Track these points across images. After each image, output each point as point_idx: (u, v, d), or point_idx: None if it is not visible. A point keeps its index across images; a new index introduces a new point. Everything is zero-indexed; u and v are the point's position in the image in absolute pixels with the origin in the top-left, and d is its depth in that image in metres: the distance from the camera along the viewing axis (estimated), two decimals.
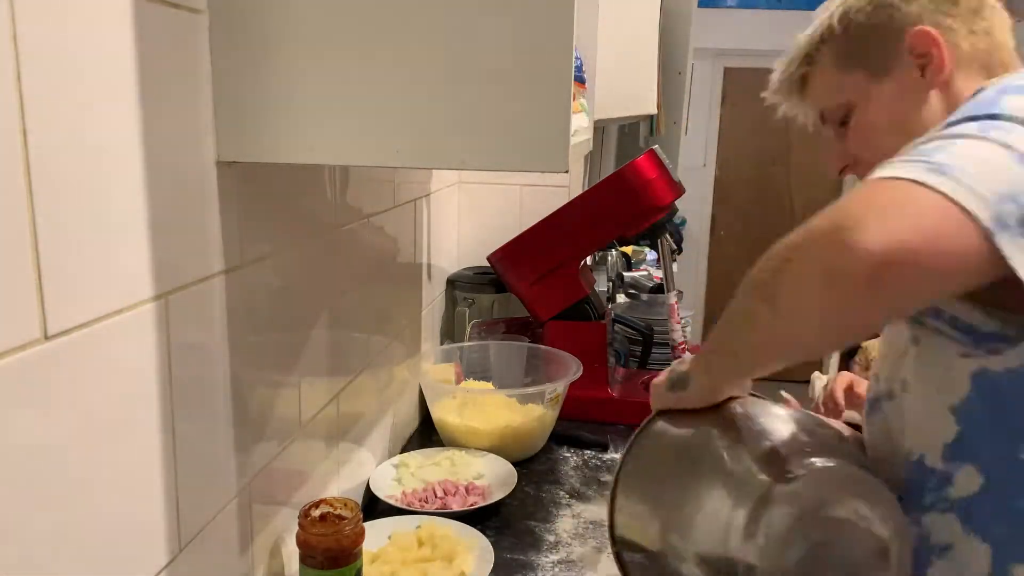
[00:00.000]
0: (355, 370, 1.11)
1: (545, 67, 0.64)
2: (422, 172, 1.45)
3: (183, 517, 0.67)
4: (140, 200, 0.59)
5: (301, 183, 0.88)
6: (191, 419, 0.67)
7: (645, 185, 1.43)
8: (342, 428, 1.07)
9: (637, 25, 2.06)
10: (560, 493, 1.23)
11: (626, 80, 2.01)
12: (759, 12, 4.40)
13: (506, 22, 0.63)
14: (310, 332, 0.94)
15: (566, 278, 1.54)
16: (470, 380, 1.49)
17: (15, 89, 0.47)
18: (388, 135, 0.66)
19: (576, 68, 1.12)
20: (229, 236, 0.72)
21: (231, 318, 0.73)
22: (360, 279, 1.11)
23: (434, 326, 1.63)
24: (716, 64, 4.58)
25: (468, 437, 1.32)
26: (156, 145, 0.60)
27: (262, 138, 0.67)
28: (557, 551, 1.06)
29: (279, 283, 0.84)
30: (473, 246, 1.79)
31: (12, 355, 0.47)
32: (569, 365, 1.40)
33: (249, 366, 0.78)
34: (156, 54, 0.60)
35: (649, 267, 2.85)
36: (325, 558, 0.79)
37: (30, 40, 0.47)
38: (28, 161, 0.48)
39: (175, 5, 0.62)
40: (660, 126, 2.81)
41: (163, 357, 0.63)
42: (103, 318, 0.55)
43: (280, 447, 0.87)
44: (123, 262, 0.58)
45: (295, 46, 0.65)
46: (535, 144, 0.65)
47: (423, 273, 1.50)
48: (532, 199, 1.78)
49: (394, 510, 1.11)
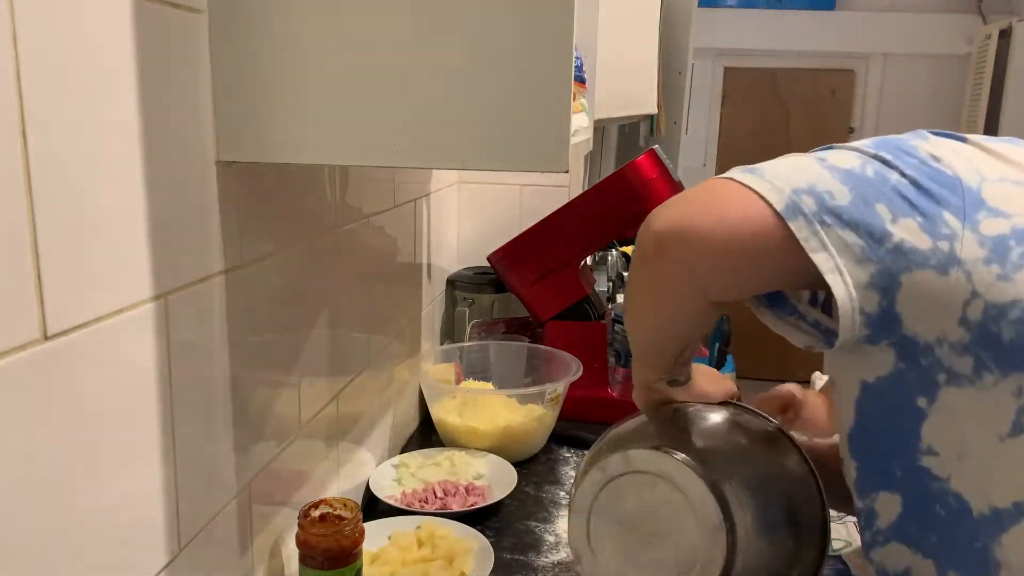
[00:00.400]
0: (355, 370, 1.11)
1: (545, 67, 0.64)
2: (422, 172, 1.45)
3: (183, 517, 0.67)
4: (140, 200, 0.59)
5: (301, 183, 0.88)
6: (191, 419, 0.67)
7: (645, 185, 1.43)
8: (342, 428, 1.07)
9: (637, 25, 2.06)
10: (560, 493, 1.22)
11: (626, 80, 2.01)
12: (759, 12, 4.39)
13: (506, 22, 0.63)
14: (310, 332, 0.94)
15: (566, 278, 1.54)
16: (470, 380, 1.49)
17: (15, 89, 0.47)
18: (388, 135, 0.66)
19: (576, 68, 1.12)
20: (229, 236, 0.72)
21: (231, 318, 0.73)
22: (360, 279, 1.11)
23: (434, 326, 1.63)
24: (716, 64, 4.58)
25: (468, 437, 1.32)
26: (156, 145, 0.60)
27: (262, 138, 0.67)
28: (557, 551, 1.06)
29: (279, 283, 0.84)
30: (473, 246, 1.79)
31: (12, 355, 0.47)
32: (569, 365, 1.40)
33: (249, 366, 0.78)
34: (156, 54, 0.60)
35: None
36: (325, 558, 0.79)
37: (30, 40, 0.47)
38: (28, 161, 0.48)
39: (175, 5, 0.62)
40: (660, 126, 2.81)
41: (163, 357, 0.63)
42: (103, 318, 0.55)
43: (280, 447, 0.87)
44: (123, 262, 0.58)
45: (295, 46, 0.65)
46: (535, 144, 0.65)
47: (423, 273, 1.50)
48: (532, 199, 1.77)
49: (394, 510, 1.11)
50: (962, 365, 0.61)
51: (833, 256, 0.61)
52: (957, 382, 0.61)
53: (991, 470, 0.62)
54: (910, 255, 0.60)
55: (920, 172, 0.62)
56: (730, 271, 0.66)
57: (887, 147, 0.64)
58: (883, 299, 0.61)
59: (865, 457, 0.69)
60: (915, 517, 0.66)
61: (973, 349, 0.60)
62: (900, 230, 0.60)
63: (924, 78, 4.36)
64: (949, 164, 0.62)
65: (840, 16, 4.34)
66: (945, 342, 0.61)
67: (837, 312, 0.62)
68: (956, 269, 0.59)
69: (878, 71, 4.42)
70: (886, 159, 0.63)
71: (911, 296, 0.60)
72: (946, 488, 0.63)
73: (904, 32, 4.28)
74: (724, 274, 0.67)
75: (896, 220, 0.60)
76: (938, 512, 0.64)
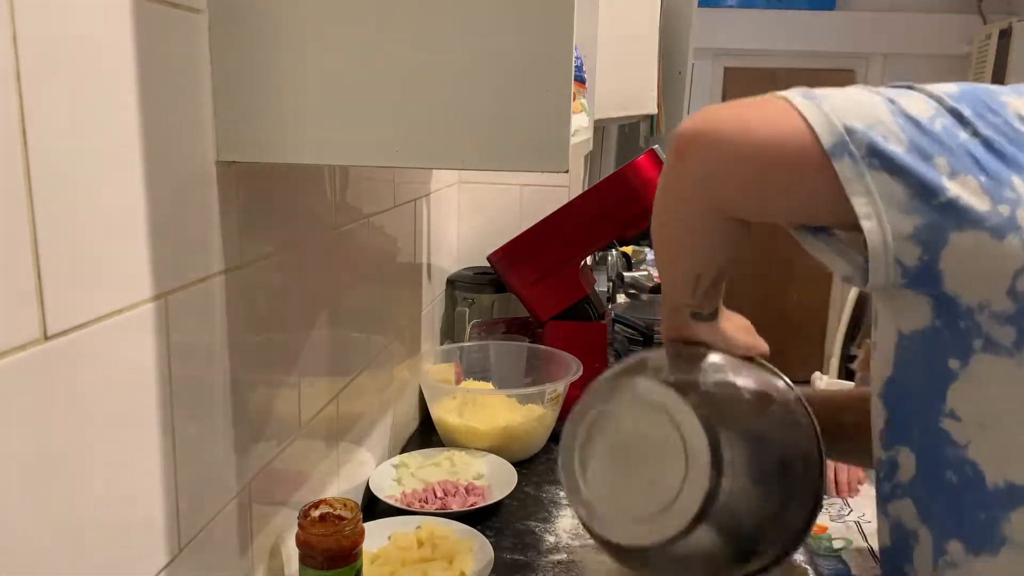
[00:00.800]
0: (355, 370, 1.11)
1: (545, 67, 0.64)
2: (422, 172, 1.45)
3: (183, 517, 0.67)
4: (140, 200, 0.59)
5: (301, 183, 0.88)
6: (191, 419, 0.67)
7: (645, 185, 1.43)
8: (342, 428, 1.07)
9: (637, 25, 2.06)
10: (560, 493, 1.22)
11: (626, 80, 2.01)
12: (759, 12, 4.39)
13: (506, 22, 0.63)
14: (310, 332, 0.94)
15: (566, 278, 1.54)
16: (470, 380, 1.49)
17: (15, 89, 0.47)
18: (388, 135, 0.66)
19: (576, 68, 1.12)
20: (229, 236, 0.72)
21: (231, 318, 0.73)
22: (360, 279, 1.11)
23: (434, 326, 1.63)
24: (716, 64, 4.58)
25: (468, 437, 1.32)
26: (156, 145, 0.60)
27: (262, 138, 0.67)
28: (557, 551, 1.06)
29: (279, 283, 0.84)
30: (473, 246, 1.79)
31: (12, 355, 0.47)
32: (569, 365, 1.40)
33: (249, 366, 0.78)
34: (156, 54, 0.60)
35: (649, 267, 2.85)
36: (325, 558, 0.79)
37: (30, 40, 0.47)
38: (28, 161, 0.48)
39: (175, 5, 0.62)
40: (660, 126, 2.81)
41: (163, 357, 0.63)
42: (103, 318, 0.55)
43: (280, 447, 0.87)
44: (123, 262, 0.58)
45: (295, 46, 0.65)
46: (535, 144, 0.65)
47: (423, 273, 1.50)
48: (532, 199, 1.77)
49: (394, 510, 1.11)
50: (1002, 335, 0.59)
51: (875, 201, 0.58)
52: (994, 351, 0.59)
53: (1013, 444, 0.60)
54: (964, 213, 0.57)
55: (998, 132, 0.59)
56: (750, 185, 0.63)
57: (971, 100, 0.60)
58: (925, 254, 0.59)
59: (894, 409, 0.68)
60: (926, 480, 0.65)
61: (1017, 321, 0.58)
62: (957, 186, 0.57)
63: (924, 78, 4.24)
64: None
65: (840, 16, 4.34)
66: (988, 309, 0.59)
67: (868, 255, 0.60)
68: (1014, 235, 0.57)
69: (878, 71, 4.42)
70: (962, 115, 0.59)
71: (957, 256, 0.58)
72: (962, 456, 0.62)
73: (904, 32, 4.28)
74: (742, 187, 0.64)
75: (955, 176, 0.57)
76: (949, 479, 0.63)
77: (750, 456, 0.69)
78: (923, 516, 0.66)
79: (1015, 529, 0.60)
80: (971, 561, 0.63)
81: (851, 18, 4.32)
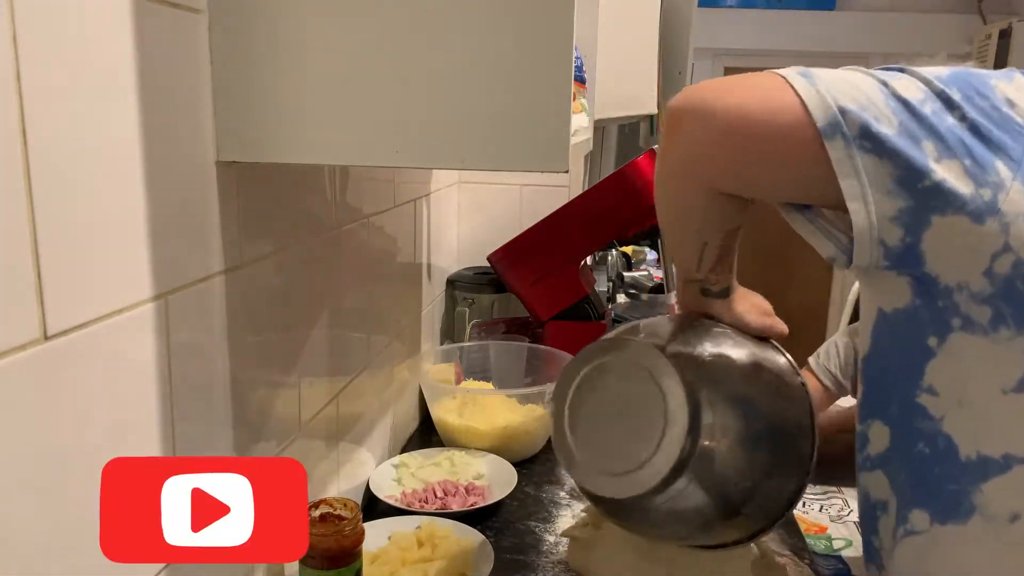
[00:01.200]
0: (355, 370, 1.11)
1: (545, 67, 0.64)
2: (422, 172, 1.45)
3: None
4: (140, 200, 0.59)
5: (301, 183, 0.88)
6: (191, 419, 0.67)
7: (645, 185, 1.43)
8: (342, 428, 1.07)
9: (637, 25, 2.06)
10: (560, 493, 1.22)
11: (626, 80, 2.01)
12: (759, 12, 4.39)
13: (506, 22, 0.63)
14: (310, 332, 0.94)
15: (566, 278, 1.54)
16: (470, 380, 1.49)
17: (15, 89, 0.47)
18: (388, 135, 0.66)
19: (576, 68, 1.12)
20: (229, 236, 0.72)
21: (231, 318, 0.73)
22: (360, 279, 1.11)
23: (434, 326, 1.63)
24: (716, 64, 4.58)
25: (468, 437, 1.32)
26: (156, 145, 0.60)
27: (262, 138, 0.67)
28: (557, 551, 1.06)
29: (279, 283, 0.84)
30: (473, 246, 1.78)
31: (12, 355, 0.47)
32: None
33: (249, 366, 0.78)
34: (156, 54, 0.60)
35: (649, 267, 2.85)
36: (325, 558, 0.79)
37: (30, 40, 0.47)
38: (28, 161, 0.48)
39: (175, 5, 0.62)
40: (660, 126, 2.81)
41: (163, 357, 0.63)
42: (103, 318, 0.55)
43: (280, 447, 0.87)
44: (123, 262, 0.58)
45: (295, 46, 0.65)
46: (535, 144, 0.65)
47: (423, 273, 1.50)
48: (532, 199, 1.77)
49: (394, 510, 1.11)
50: (979, 314, 0.60)
51: (863, 183, 0.59)
52: (971, 329, 0.61)
53: (988, 420, 0.62)
54: (947, 197, 0.58)
55: (985, 116, 0.59)
56: (737, 158, 0.64)
57: (960, 83, 0.61)
58: (908, 235, 0.60)
59: (871, 383, 0.69)
60: (896, 451, 0.67)
61: (993, 301, 0.59)
62: (943, 169, 0.58)
63: None
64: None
65: (840, 16, 4.34)
66: (966, 289, 0.60)
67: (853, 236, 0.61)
68: (993, 220, 0.58)
69: None
70: (951, 99, 0.60)
71: (939, 238, 0.59)
72: (936, 428, 0.63)
73: (904, 32, 4.28)
74: (729, 160, 0.64)
75: (941, 159, 0.58)
76: (921, 450, 0.65)
77: (734, 420, 0.70)
78: (892, 487, 0.68)
79: (987, 499, 0.62)
80: (936, 529, 0.64)
81: (851, 18, 4.32)
